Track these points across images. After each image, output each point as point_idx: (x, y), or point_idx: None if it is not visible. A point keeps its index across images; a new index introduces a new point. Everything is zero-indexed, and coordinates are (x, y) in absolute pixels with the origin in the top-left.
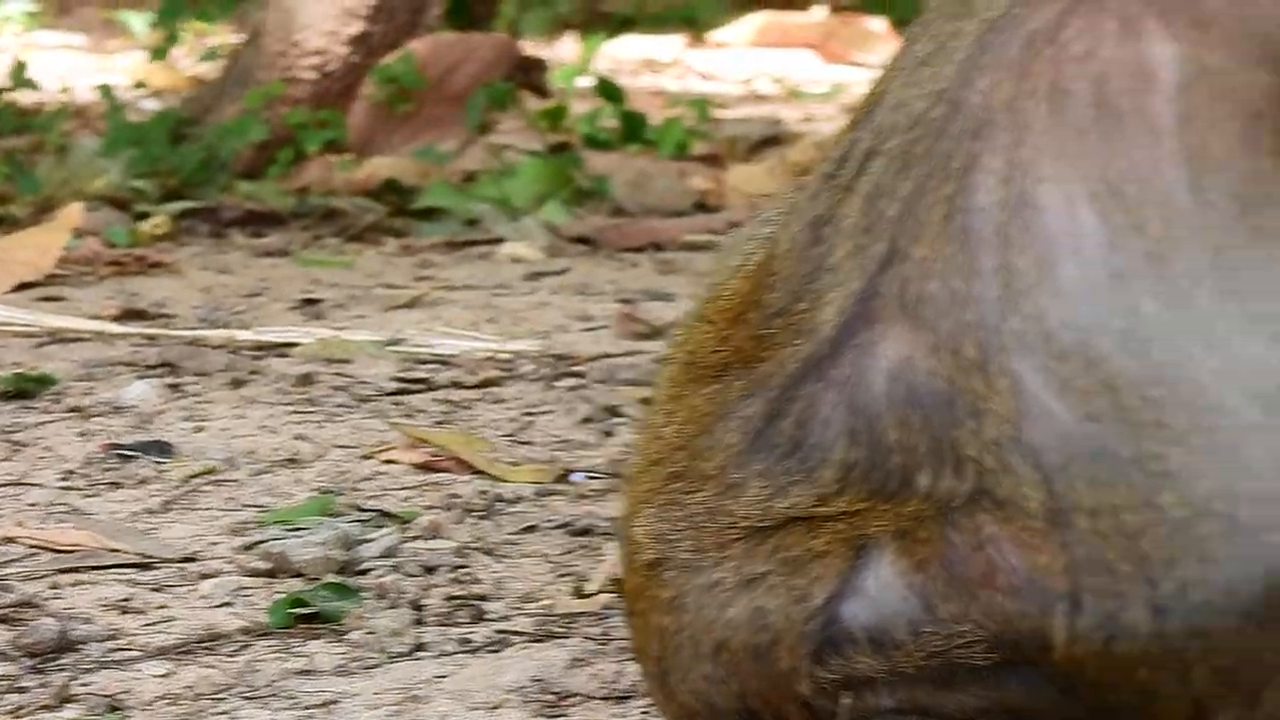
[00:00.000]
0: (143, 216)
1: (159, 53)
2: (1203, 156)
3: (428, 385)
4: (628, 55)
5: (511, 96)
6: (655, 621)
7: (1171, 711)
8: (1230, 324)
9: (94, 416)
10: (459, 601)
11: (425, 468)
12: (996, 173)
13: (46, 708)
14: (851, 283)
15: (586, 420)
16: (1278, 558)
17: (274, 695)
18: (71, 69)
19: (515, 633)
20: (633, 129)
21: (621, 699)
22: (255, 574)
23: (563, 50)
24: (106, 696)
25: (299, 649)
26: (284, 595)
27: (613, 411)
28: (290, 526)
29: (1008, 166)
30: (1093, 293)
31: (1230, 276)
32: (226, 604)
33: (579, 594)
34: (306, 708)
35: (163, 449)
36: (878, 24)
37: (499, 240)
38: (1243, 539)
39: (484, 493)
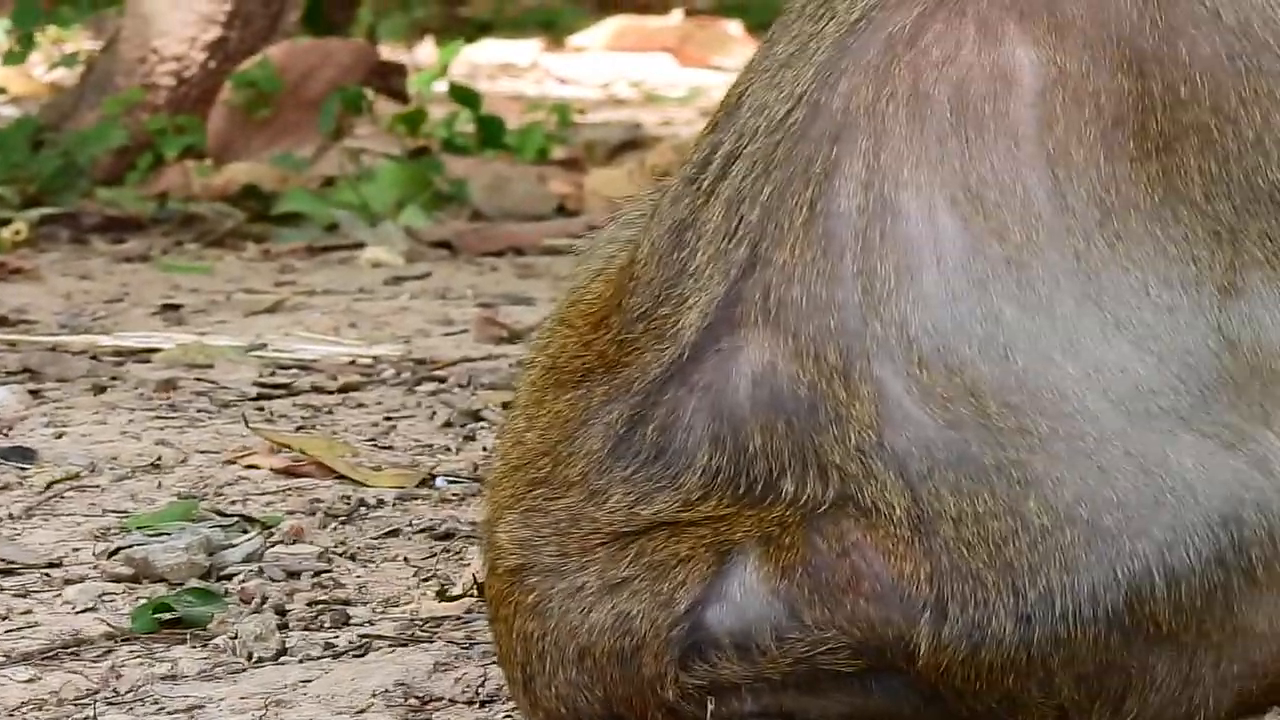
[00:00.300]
0: (2, 223)
1: (14, 58)
2: (1063, 162)
3: (289, 390)
4: (486, 60)
5: (369, 102)
6: (519, 627)
7: (1036, 718)
8: (1091, 329)
9: None
10: (323, 606)
11: (287, 473)
12: (857, 177)
13: None
14: (714, 287)
15: (447, 424)
16: (1140, 564)
17: (139, 700)
18: None
19: (379, 637)
20: (491, 133)
21: (485, 703)
22: (119, 579)
23: (421, 55)
24: None
25: (163, 654)
26: (147, 600)
27: (474, 415)
28: (153, 532)
29: (868, 171)
30: (954, 299)
31: (1091, 282)
32: (90, 609)
33: (442, 598)
34: (171, 713)
35: (24, 455)
36: (734, 27)
37: (359, 245)
38: (1105, 546)
39: (346, 497)
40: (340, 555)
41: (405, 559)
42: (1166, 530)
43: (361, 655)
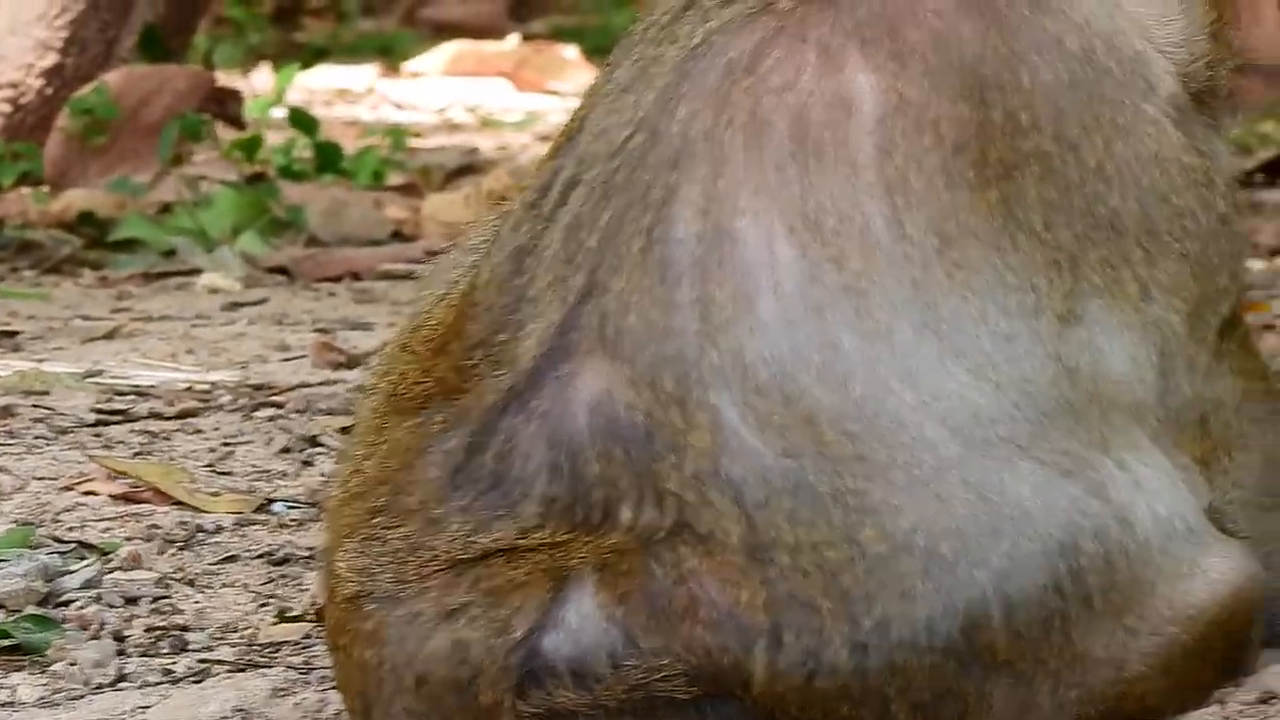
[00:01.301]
0: None
1: None
2: (902, 190)
3: (126, 417)
4: (322, 86)
5: (206, 128)
6: (357, 655)
7: None
8: (929, 358)
9: None
10: (161, 632)
11: (125, 499)
12: (695, 204)
13: None
14: (551, 314)
15: (285, 450)
16: (977, 593)
17: None
18: None
19: (218, 662)
20: (328, 159)
21: None
22: None
23: (257, 81)
24: None
25: (1, 681)
26: None
27: (311, 441)
28: None
29: (706, 198)
30: (791, 327)
31: (929, 310)
32: None
33: (281, 621)
34: None
35: None
36: (570, 52)
37: (196, 271)
38: (942, 574)
39: (184, 523)
40: (178, 581)
41: (243, 584)
42: (1004, 558)
43: (200, 681)
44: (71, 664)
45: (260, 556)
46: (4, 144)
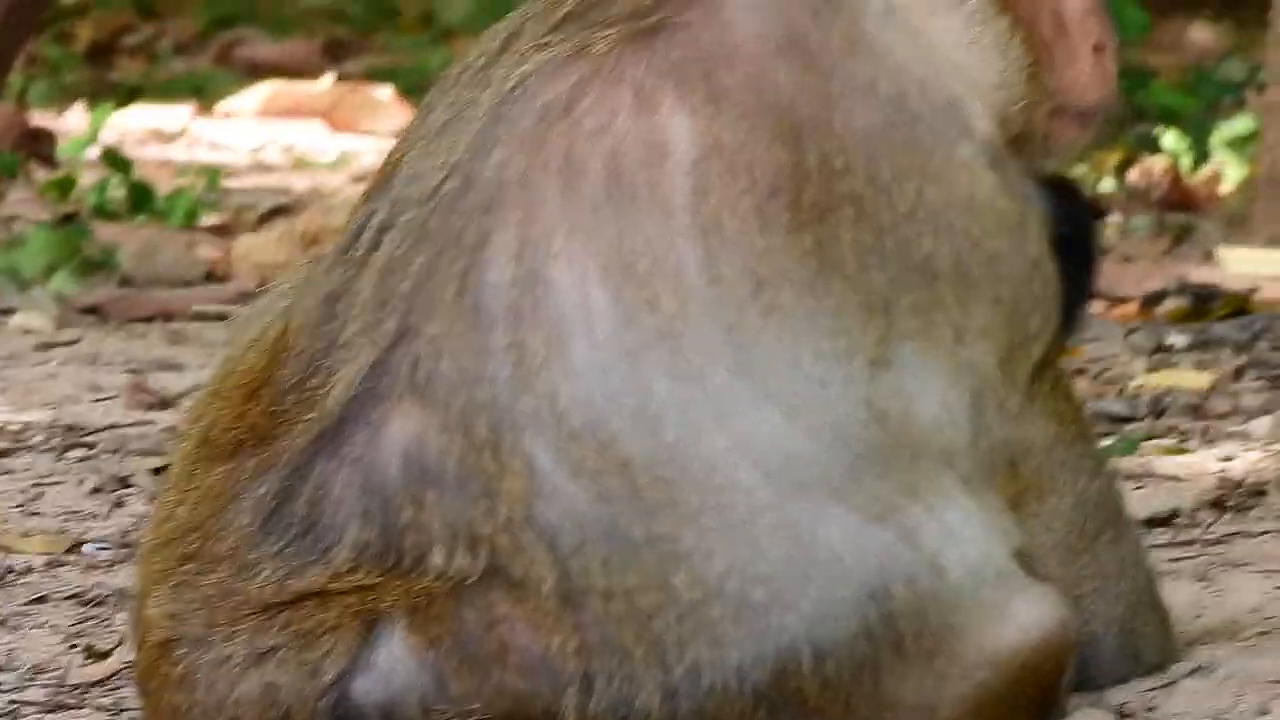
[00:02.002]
0: None
1: None
2: (716, 232)
3: None
4: (136, 125)
5: (19, 166)
6: (167, 700)
7: None
8: (742, 401)
9: None
10: None
11: None
12: (508, 249)
13: None
14: (363, 359)
15: (97, 490)
16: (787, 639)
17: None
18: None
19: (27, 703)
20: (141, 199)
21: None
22: None
23: (71, 120)
24: None
25: None
26: None
27: (123, 482)
28: None
29: (520, 243)
30: (605, 371)
31: (743, 353)
32: None
33: (91, 661)
34: None
35: None
36: (384, 93)
37: (8, 311)
38: (754, 620)
39: None
40: None
41: (53, 625)
42: (815, 604)
43: None
44: None
45: (71, 597)
46: None
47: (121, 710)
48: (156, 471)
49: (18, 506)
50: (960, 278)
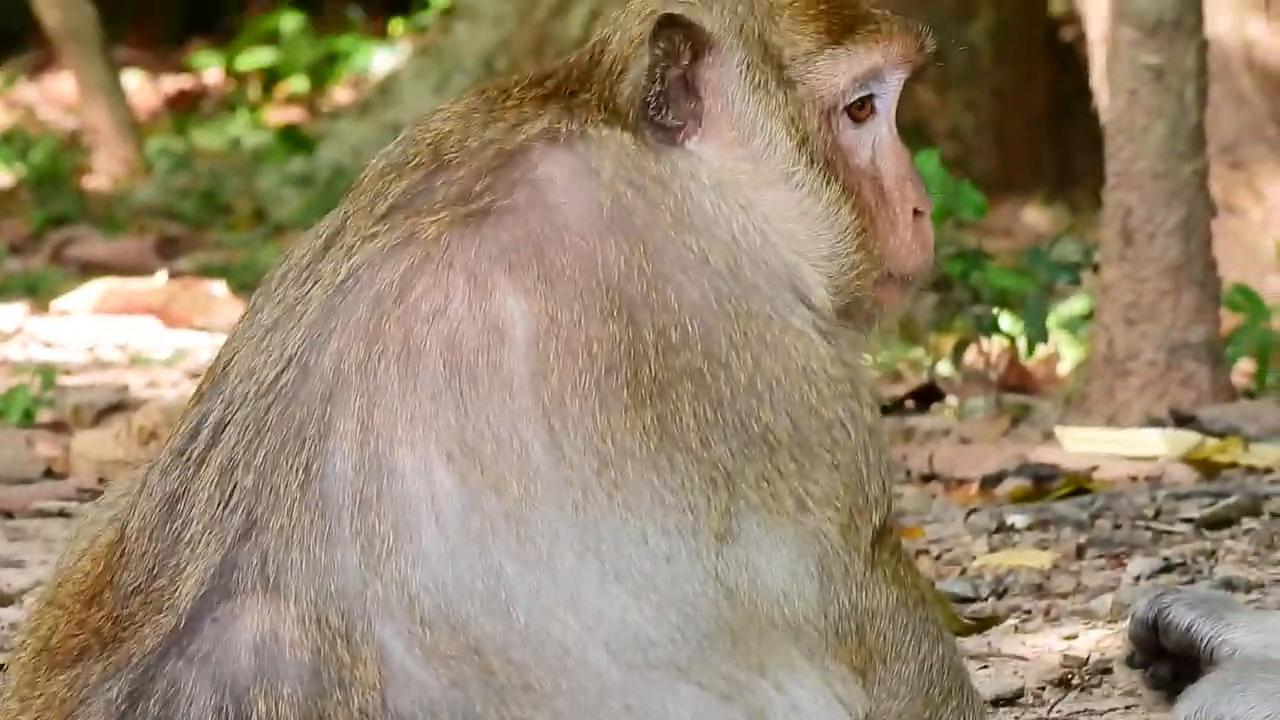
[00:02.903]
0: None
1: None
2: (559, 412)
3: None
4: None
5: None
6: None
7: None
8: (591, 582)
9: None
10: None
11: None
12: (351, 436)
13: None
14: (210, 556)
15: None
16: None
17: None
18: None
19: None
20: None
21: None
22: None
23: None
24: None
25: None
26: None
27: None
28: None
29: (362, 430)
30: (454, 556)
31: (590, 533)
32: None
33: None
34: None
35: None
36: (218, 288)
37: None
38: None
39: None
40: None
41: None
42: None
43: None
44: None
45: None
46: None
47: None
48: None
49: None
50: (799, 446)
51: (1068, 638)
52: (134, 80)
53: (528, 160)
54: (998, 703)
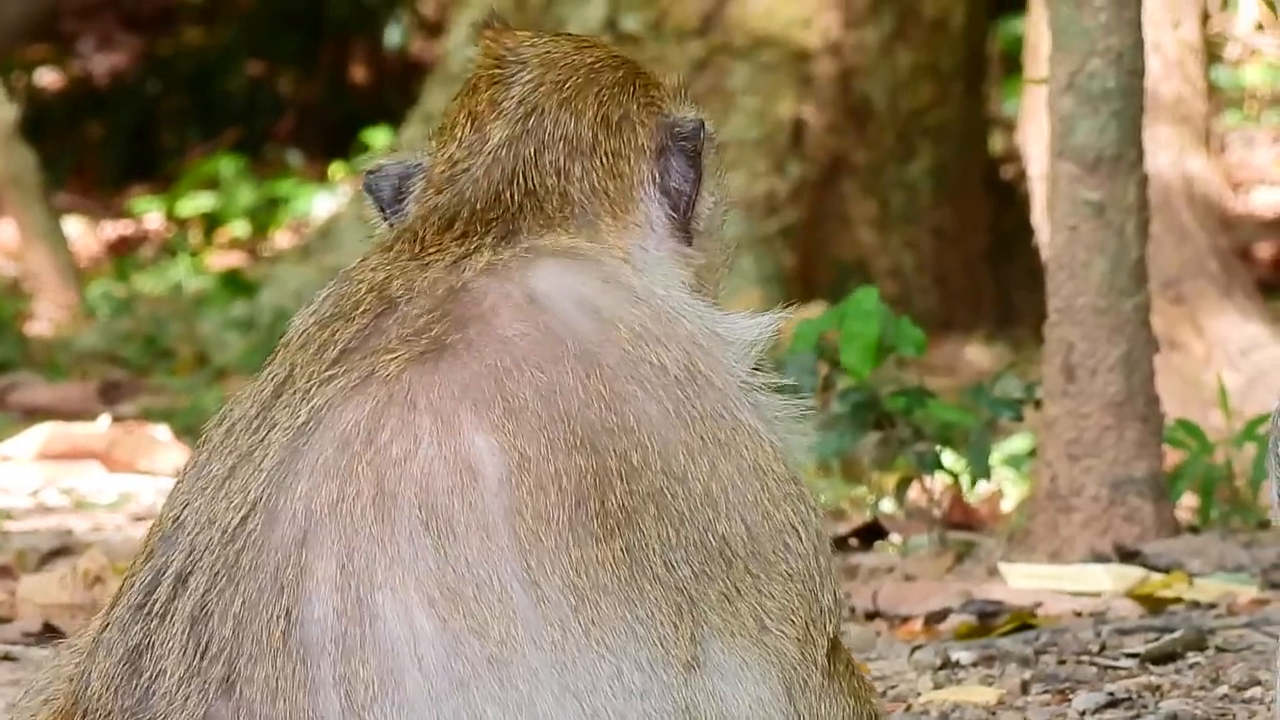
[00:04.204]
0: None
1: None
2: (535, 550)
3: None
4: None
5: None
6: None
7: None
8: None
9: None
10: None
11: None
12: (330, 580)
13: None
14: (192, 709)
15: None
16: None
17: None
18: None
19: None
20: None
21: None
22: None
23: None
24: None
25: None
26: None
27: None
28: None
29: (341, 573)
30: (437, 702)
31: (568, 672)
32: None
33: None
34: None
35: None
36: (162, 432)
37: None
38: None
39: None
40: None
41: None
42: None
43: None
44: None
45: None
46: None
47: None
48: None
49: None
50: (755, 556)
51: None
52: (75, 226)
53: (473, 295)
54: None
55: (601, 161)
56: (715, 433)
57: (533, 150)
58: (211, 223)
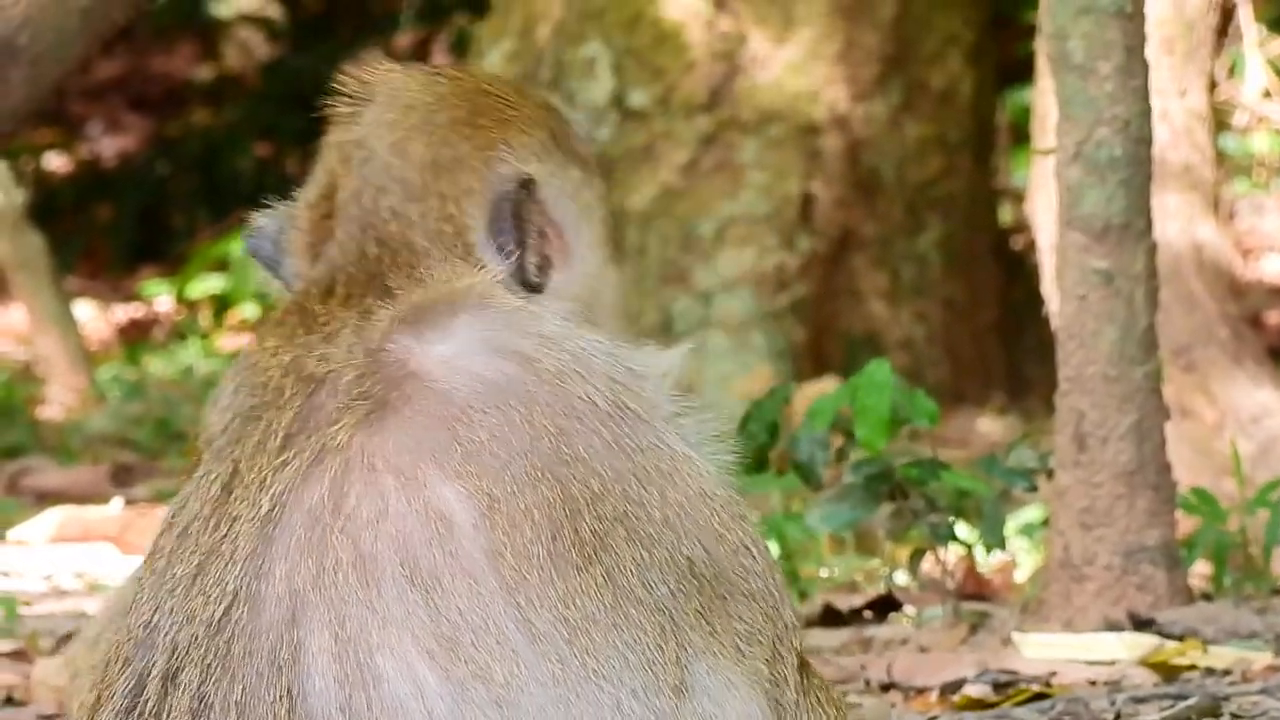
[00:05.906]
0: None
1: None
2: (522, 588)
3: None
4: None
5: None
6: None
7: None
8: None
9: None
10: None
11: None
12: (327, 652)
13: None
14: None
15: None
16: None
17: None
18: None
19: None
20: None
21: None
22: None
23: None
24: None
25: None
26: None
27: None
28: None
29: (337, 643)
30: None
31: (572, 706)
32: None
33: None
34: None
35: None
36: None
37: None
38: None
39: None
40: None
41: None
42: None
43: None
44: None
45: None
46: None
47: None
48: None
49: None
50: (719, 578)
51: None
52: (85, 310)
53: (395, 355)
54: None
55: (433, 205)
56: (656, 463)
57: (373, 198)
58: (221, 304)
